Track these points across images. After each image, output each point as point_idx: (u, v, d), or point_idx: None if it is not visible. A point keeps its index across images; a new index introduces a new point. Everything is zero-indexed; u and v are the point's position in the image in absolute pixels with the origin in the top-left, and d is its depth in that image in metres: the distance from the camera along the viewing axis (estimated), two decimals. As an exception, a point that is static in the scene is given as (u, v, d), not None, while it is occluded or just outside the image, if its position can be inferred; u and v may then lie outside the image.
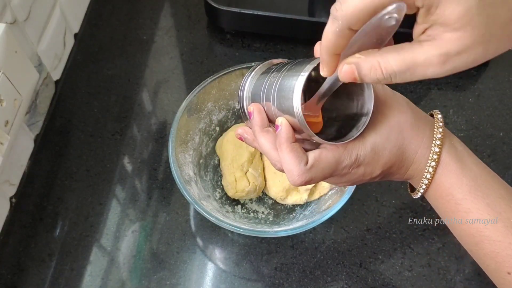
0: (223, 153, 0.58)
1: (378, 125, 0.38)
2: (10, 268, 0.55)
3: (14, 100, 0.51)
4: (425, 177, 0.38)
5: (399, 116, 0.38)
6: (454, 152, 0.38)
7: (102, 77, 0.69)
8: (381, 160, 0.38)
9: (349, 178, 0.39)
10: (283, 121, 0.37)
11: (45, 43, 0.62)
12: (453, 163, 0.38)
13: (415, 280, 0.54)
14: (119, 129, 0.64)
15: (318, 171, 0.37)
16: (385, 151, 0.38)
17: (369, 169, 0.38)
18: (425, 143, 0.38)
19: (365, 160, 0.38)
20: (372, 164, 0.38)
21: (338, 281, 0.54)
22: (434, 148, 0.38)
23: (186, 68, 0.70)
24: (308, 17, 0.68)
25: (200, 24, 0.75)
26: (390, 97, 0.39)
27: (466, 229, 0.38)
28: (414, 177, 0.40)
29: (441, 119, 0.39)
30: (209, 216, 0.49)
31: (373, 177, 0.39)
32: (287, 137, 0.37)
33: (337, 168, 0.37)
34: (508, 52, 0.73)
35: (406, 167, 0.39)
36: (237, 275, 0.55)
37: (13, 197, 0.58)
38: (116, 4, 0.77)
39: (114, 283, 0.54)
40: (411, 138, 0.38)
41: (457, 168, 0.38)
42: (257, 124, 0.40)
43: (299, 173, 0.37)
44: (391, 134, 0.38)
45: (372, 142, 0.37)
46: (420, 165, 0.38)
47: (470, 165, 0.38)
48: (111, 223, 0.58)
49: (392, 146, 0.38)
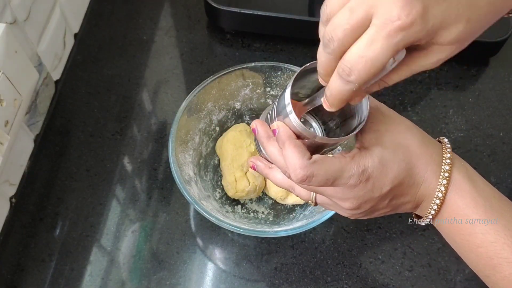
0: (223, 153, 0.58)
1: (385, 140, 0.38)
2: (10, 268, 0.55)
3: (14, 100, 0.51)
4: (436, 197, 0.37)
5: (406, 134, 0.38)
6: (465, 171, 0.38)
7: (102, 77, 0.69)
8: (390, 174, 0.37)
9: (358, 193, 0.37)
10: (278, 123, 0.38)
11: (45, 43, 0.62)
12: (465, 183, 0.37)
13: (415, 280, 0.54)
14: (119, 129, 0.64)
15: (321, 169, 0.36)
16: (393, 164, 0.37)
17: (378, 184, 0.37)
18: (435, 161, 0.37)
19: (373, 172, 0.37)
20: (381, 178, 0.37)
21: (338, 281, 0.54)
22: (445, 167, 0.37)
23: (186, 68, 0.70)
24: (308, 17, 0.68)
25: (200, 24, 0.75)
26: (399, 118, 0.39)
27: (484, 252, 0.37)
28: (425, 199, 0.38)
29: (448, 143, 0.39)
30: (209, 216, 0.48)
31: (383, 195, 0.38)
32: (287, 135, 0.37)
33: (343, 175, 0.36)
34: (508, 52, 0.73)
35: (416, 185, 0.38)
36: (237, 275, 0.55)
37: (13, 197, 0.58)
38: (116, 4, 0.77)
39: (114, 283, 0.54)
40: (420, 154, 0.37)
41: (470, 188, 0.37)
42: (262, 136, 0.40)
43: (302, 166, 0.36)
44: (398, 149, 0.37)
45: (380, 155, 0.37)
46: (431, 184, 0.37)
47: (482, 186, 0.38)
48: (111, 223, 0.58)
49: (400, 160, 0.37)
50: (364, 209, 0.39)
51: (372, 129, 0.38)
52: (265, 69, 0.57)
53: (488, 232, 0.36)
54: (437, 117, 0.66)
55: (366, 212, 0.40)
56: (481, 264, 0.38)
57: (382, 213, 0.41)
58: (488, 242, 0.36)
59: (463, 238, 0.38)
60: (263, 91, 0.60)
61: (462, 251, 0.39)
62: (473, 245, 0.37)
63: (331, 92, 0.32)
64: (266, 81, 0.59)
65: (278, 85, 0.59)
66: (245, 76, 0.58)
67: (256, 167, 0.43)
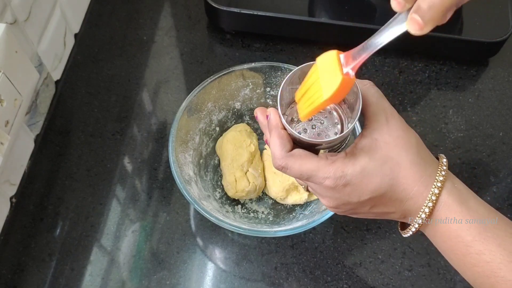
0: (223, 153, 0.58)
1: (377, 152, 0.37)
2: (10, 268, 0.55)
3: (14, 100, 0.51)
4: (419, 217, 0.38)
5: (402, 150, 0.38)
6: (457, 194, 0.38)
7: (102, 77, 0.69)
8: (370, 185, 0.37)
9: (334, 194, 0.39)
10: (271, 110, 0.40)
11: (45, 43, 0.62)
12: (456, 205, 0.37)
13: (415, 280, 0.54)
14: (119, 129, 0.65)
15: (296, 163, 0.38)
16: (376, 177, 0.37)
17: (356, 192, 0.38)
18: (424, 182, 0.37)
19: (352, 180, 0.37)
20: (359, 188, 0.37)
21: (338, 281, 0.54)
22: (434, 190, 0.37)
23: (186, 68, 0.70)
24: (308, 17, 0.68)
25: (200, 24, 0.75)
26: (402, 131, 0.38)
27: (480, 271, 0.36)
28: (411, 215, 0.39)
29: (445, 163, 0.39)
30: (209, 216, 0.49)
31: (361, 202, 0.38)
32: (274, 123, 0.39)
33: (317, 175, 0.37)
34: (508, 52, 0.73)
35: (400, 200, 0.38)
36: (237, 275, 0.55)
37: (13, 197, 0.58)
38: (116, 4, 0.77)
39: (114, 283, 0.54)
40: (408, 173, 0.37)
41: (461, 210, 0.37)
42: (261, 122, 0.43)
43: (279, 157, 0.38)
44: (386, 164, 0.37)
45: (363, 165, 0.37)
46: (417, 203, 0.38)
47: (476, 207, 0.37)
48: (111, 223, 0.58)
49: (385, 174, 0.37)
50: (343, 210, 0.40)
51: (371, 136, 0.38)
52: (265, 69, 0.57)
53: (483, 253, 0.36)
54: (437, 117, 0.66)
55: (347, 213, 0.41)
56: (479, 281, 0.38)
57: (366, 216, 0.41)
58: (484, 262, 0.36)
59: (458, 258, 0.38)
60: (263, 91, 0.60)
61: (457, 267, 0.39)
62: (469, 264, 0.37)
63: None
64: (266, 81, 0.59)
65: (278, 85, 0.59)
66: (245, 76, 0.58)
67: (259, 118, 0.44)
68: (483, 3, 0.69)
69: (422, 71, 0.70)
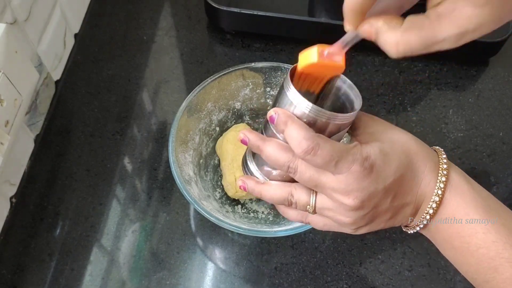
0: (223, 153, 0.58)
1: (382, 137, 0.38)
2: (10, 268, 0.55)
3: (14, 100, 0.51)
4: (436, 194, 0.37)
5: (401, 135, 0.39)
6: (461, 173, 0.38)
7: (102, 77, 0.69)
8: (392, 164, 0.37)
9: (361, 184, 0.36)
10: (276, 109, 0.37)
11: (45, 43, 0.62)
12: (463, 182, 0.37)
13: (415, 280, 0.54)
14: (119, 129, 0.65)
15: (327, 142, 0.35)
16: (394, 155, 0.37)
17: (382, 174, 0.36)
18: (432, 159, 0.38)
19: (376, 161, 0.36)
20: (384, 168, 0.36)
21: (338, 281, 0.54)
22: (443, 165, 0.38)
23: (186, 68, 0.70)
24: (308, 17, 0.68)
25: (200, 24, 0.75)
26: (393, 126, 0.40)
27: (485, 253, 0.36)
28: (425, 199, 0.38)
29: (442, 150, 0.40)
30: (209, 216, 0.49)
31: (386, 188, 0.37)
32: (287, 115, 0.36)
33: (347, 157, 0.35)
34: (508, 52, 0.73)
35: (416, 181, 0.38)
36: (237, 275, 0.55)
37: (13, 197, 0.58)
38: (116, 4, 0.77)
39: (114, 282, 0.54)
40: (417, 151, 0.38)
41: (469, 188, 0.37)
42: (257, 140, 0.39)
43: (307, 136, 0.35)
44: (395, 143, 0.38)
45: (380, 146, 0.37)
46: (431, 181, 0.38)
47: (479, 187, 0.38)
48: (111, 223, 0.58)
49: (399, 152, 0.37)
50: (367, 210, 0.37)
51: (365, 132, 0.39)
52: (265, 69, 0.57)
53: (489, 231, 0.36)
54: (437, 117, 0.66)
55: (368, 216, 0.38)
56: (482, 267, 0.37)
57: (383, 220, 0.39)
58: (489, 241, 0.36)
59: (463, 240, 0.37)
60: (263, 91, 0.60)
61: (460, 257, 0.39)
62: (474, 246, 0.37)
63: (347, 2, 0.32)
64: (266, 81, 0.59)
65: (278, 85, 0.59)
66: (245, 76, 0.58)
67: (246, 186, 0.42)
68: (483, 3, 0.69)
69: (422, 71, 0.70)
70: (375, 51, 0.72)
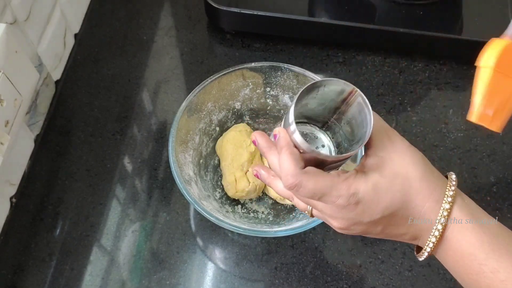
0: (223, 153, 0.58)
1: (385, 168, 0.37)
2: (10, 268, 0.55)
3: (14, 100, 0.51)
4: (433, 234, 0.36)
5: (409, 165, 0.37)
6: (468, 210, 0.36)
7: (102, 77, 0.69)
8: (382, 203, 0.36)
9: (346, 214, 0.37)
10: (280, 129, 0.38)
11: (45, 43, 0.62)
12: (467, 221, 0.36)
13: (414, 280, 0.54)
14: (119, 129, 0.65)
15: (310, 180, 0.36)
16: (387, 194, 0.36)
17: (368, 210, 0.36)
18: (435, 197, 0.36)
19: (364, 197, 0.36)
20: (371, 205, 0.36)
21: (338, 281, 0.54)
22: (445, 205, 0.36)
23: (186, 68, 0.70)
24: (308, 17, 0.68)
25: (200, 24, 0.75)
26: (406, 148, 0.38)
27: None
28: (423, 235, 0.37)
29: (454, 179, 0.38)
30: (209, 216, 0.49)
31: (373, 221, 0.37)
32: (286, 141, 0.37)
33: (331, 193, 0.36)
34: (508, 52, 0.71)
35: (412, 219, 0.37)
36: (237, 275, 0.55)
37: (13, 197, 0.58)
38: (116, 4, 0.77)
39: (114, 282, 0.54)
40: (419, 189, 0.36)
41: (473, 227, 0.36)
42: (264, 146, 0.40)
43: (293, 173, 0.36)
44: (396, 179, 0.36)
45: (375, 182, 0.36)
46: (429, 221, 0.36)
47: (487, 223, 0.36)
48: (111, 223, 0.58)
49: (396, 190, 0.36)
50: (354, 231, 0.39)
51: (376, 155, 0.38)
52: (265, 69, 0.57)
53: (497, 271, 0.35)
54: (437, 117, 0.66)
55: (358, 233, 0.39)
56: None
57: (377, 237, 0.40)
58: (498, 280, 0.35)
59: (471, 278, 0.37)
60: (263, 91, 0.60)
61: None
62: (483, 284, 0.36)
63: None
64: (266, 81, 0.59)
65: (278, 85, 0.59)
66: (245, 76, 0.58)
67: (259, 175, 0.44)
68: (483, 3, 0.69)
69: (422, 71, 0.70)
70: (375, 51, 0.72)
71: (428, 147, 0.63)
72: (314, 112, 0.41)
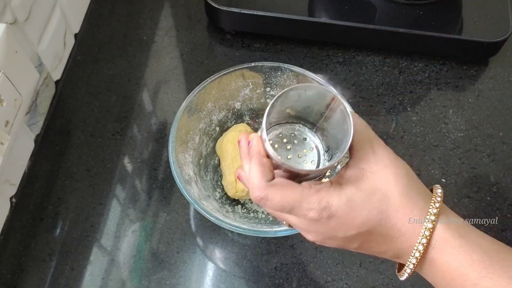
0: (223, 153, 0.58)
1: (363, 180, 0.35)
2: (10, 268, 0.55)
3: (14, 100, 0.51)
4: (413, 255, 0.34)
5: (390, 181, 0.34)
6: (455, 228, 0.34)
7: (102, 77, 0.69)
8: (357, 219, 0.34)
9: (319, 228, 0.35)
10: (253, 136, 0.37)
11: (45, 43, 0.62)
12: (454, 239, 0.33)
13: (414, 280, 0.54)
14: (119, 129, 0.65)
15: (277, 194, 0.34)
16: (363, 210, 0.34)
17: (342, 225, 0.34)
18: (416, 215, 0.34)
19: (337, 212, 0.34)
20: (345, 221, 0.34)
21: (338, 281, 0.54)
22: (427, 224, 0.33)
23: (186, 68, 0.70)
24: (308, 17, 0.68)
25: (200, 24, 0.75)
26: (388, 160, 0.36)
27: None
28: (404, 253, 0.35)
29: (440, 193, 0.35)
30: (209, 216, 0.49)
31: (348, 237, 0.35)
32: (256, 151, 0.36)
33: (301, 206, 0.34)
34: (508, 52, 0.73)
35: (390, 237, 0.35)
36: (237, 275, 0.55)
37: (13, 197, 0.58)
38: (116, 4, 0.77)
39: (114, 282, 0.54)
40: (399, 206, 0.34)
41: (461, 245, 0.33)
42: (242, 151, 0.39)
43: (259, 187, 0.35)
44: (374, 195, 0.34)
45: (350, 195, 0.34)
46: (410, 240, 0.34)
47: (477, 240, 0.34)
48: (111, 223, 0.58)
49: (372, 207, 0.34)
50: (331, 245, 0.37)
51: (357, 166, 0.36)
52: (265, 69, 0.57)
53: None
54: (437, 117, 0.66)
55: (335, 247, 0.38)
56: None
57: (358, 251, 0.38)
58: None
59: None
60: (263, 91, 0.60)
61: None
62: None
63: None
64: (266, 81, 0.59)
65: (278, 85, 0.59)
66: (245, 76, 0.58)
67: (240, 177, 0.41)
68: (483, 3, 0.69)
69: (422, 71, 0.70)
70: (375, 51, 0.72)
71: (428, 147, 0.63)
72: (302, 113, 0.40)
